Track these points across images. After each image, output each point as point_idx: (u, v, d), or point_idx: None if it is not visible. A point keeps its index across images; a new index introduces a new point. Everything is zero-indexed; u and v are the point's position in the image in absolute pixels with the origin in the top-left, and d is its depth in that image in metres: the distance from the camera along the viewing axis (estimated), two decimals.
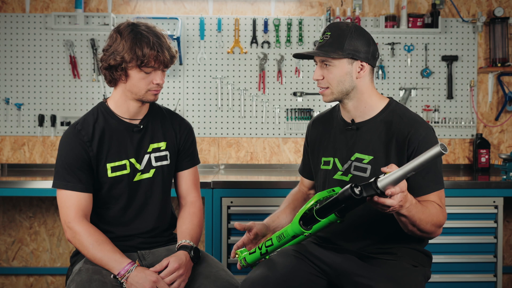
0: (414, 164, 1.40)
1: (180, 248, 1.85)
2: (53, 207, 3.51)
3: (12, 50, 3.51)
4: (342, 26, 1.76)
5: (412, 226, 1.61)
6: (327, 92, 1.78)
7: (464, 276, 2.86)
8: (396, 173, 1.42)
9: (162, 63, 1.80)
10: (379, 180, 1.44)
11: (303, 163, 2.06)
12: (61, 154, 1.85)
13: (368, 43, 1.76)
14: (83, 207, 1.83)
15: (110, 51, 1.80)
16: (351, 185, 1.45)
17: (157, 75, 1.82)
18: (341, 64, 1.74)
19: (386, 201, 1.45)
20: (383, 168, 1.48)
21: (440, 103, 3.58)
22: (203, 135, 3.56)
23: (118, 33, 1.80)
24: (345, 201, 1.47)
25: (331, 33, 1.75)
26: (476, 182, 3.00)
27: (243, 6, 3.56)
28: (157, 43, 1.78)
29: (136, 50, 1.76)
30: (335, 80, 1.75)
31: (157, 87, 1.84)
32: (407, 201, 1.50)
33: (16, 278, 3.53)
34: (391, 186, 1.43)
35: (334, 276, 1.78)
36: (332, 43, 1.74)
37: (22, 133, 3.52)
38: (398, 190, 1.44)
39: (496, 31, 3.52)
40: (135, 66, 1.78)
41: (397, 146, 1.73)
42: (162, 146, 1.96)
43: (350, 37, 1.73)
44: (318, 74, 1.78)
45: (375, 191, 1.44)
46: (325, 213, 1.54)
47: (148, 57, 1.77)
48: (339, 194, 1.49)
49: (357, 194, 1.44)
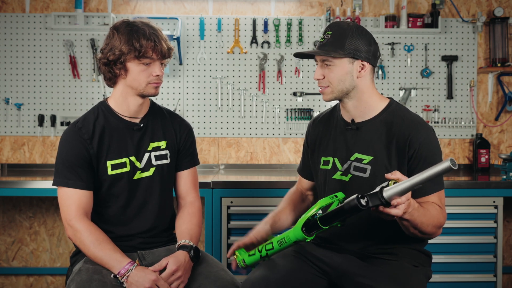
0: (422, 177, 1.40)
1: (180, 248, 1.85)
2: (53, 207, 3.51)
3: (12, 50, 3.51)
4: (343, 25, 1.76)
5: (414, 229, 1.61)
6: (327, 90, 1.78)
7: (464, 276, 2.85)
8: (403, 185, 1.43)
9: (160, 53, 1.82)
10: (385, 190, 1.44)
11: (302, 163, 2.06)
12: (61, 152, 1.86)
13: (369, 42, 1.76)
14: (84, 205, 1.83)
15: (107, 48, 1.82)
16: (357, 196, 1.46)
17: (156, 66, 1.83)
18: (342, 64, 1.74)
19: (392, 211, 1.46)
20: (387, 174, 1.48)
21: (440, 103, 3.58)
22: (203, 135, 3.56)
23: (114, 29, 1.83)
24: (350, 211, 1.48)
25: (332, 32, 1.75)
26: (476, 182, 3.00)
27: (243, 6, 3.56)
28: (154, 34, 1.81)
29: (133, 41, 1.78)
30: (336, 79, 1.75)
31: (157, 79, 1.85)
32: (410, 207, 1.51)
33: (16, 278, 3.53)
34: (397, 196, 1.43)
35: (335, 277, 1.78)
36: (333, 42, 1.73)
37: (22, 133, 3.52)
38: (404, 200, 1.45)
39: (496, 31, 3.51)
40: (133, 58, 1.80)
41: (398, 147, 1.73)
42: (162, 145, 1.96)
43: (351, 37, 1.72)
44: (319, 74, 1.78)
45: (381, 201, 1.44)
46: (329, 221, 1.56)
47: (146, 47, 1.79)
48: (344, 204, 1.50)
49: (363, 205, 1.45)
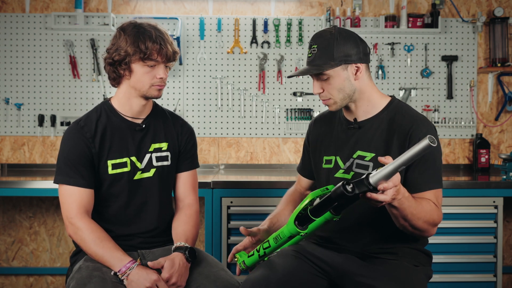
0: (403, 158, 1.39)
1: (175, 250, 1.85)
2: (53, 207, 3.51)
3: (12, 50, 3.51)
4: (326, 35, 1.74)
5: (404, 220, 1.60)
6: (330, 102, 1.77)
7: (464, 276, 2.85)
8: (387, 168, 1.41)
9: (165, 56, 1.82)
10: (370, 176, 1.43)
11: (303, 162, 2.06)
12: (63, 150, 1.86)
13: (356, 44, 1.74)
14: (85, 203, 1.83)
15: (113, 48, 1.83)
16: (343, 182, 1.44)
17: (160, 69, 1.84)
18: (336, 73, 1.73)
19: (379, 197, 1.45)
20: (380, 158, 1.46)
21: (440, 103, 3.58)
22: (203, 135, 3.56)
23: (121, 30, 1.84)
24: (338, 199, 1.46)
25: (317, 45, 1.74)
26: (476, 182, 3.00)
27: (243, 6, 3.56)
28: (160, 37, 1.81)
29: (139, 43, 1.79)
30: (335, 90, 1.74)
31: (161, 81, 1.85)
32: (399, 193, 1.50)
33: (16, 278, 3.53)
34: (383, 181, 1.42)
35: (335, 276, 1.78)
36: (321, 55, 1.72)
37: (22, 133, 3.52)
38: (391, 185, 1.44)
39: (496, 31, 3.52)
40: (138, 60, 1.80)
41: (399, 142, 1.73)
42: (163, 147, 1.97)
43: (337, 44, 1.71)
44: (317, 88, 1.77)
45: (367, 187, 1.43)
46: (319, 212, 1.54)
47: (151, 49, 1.79)
48: (331, 192, 1.48)
49: (349, 191, 1.43)
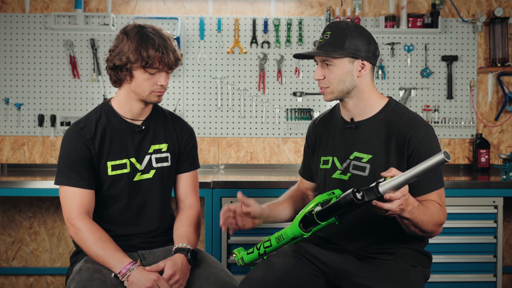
0: (416, 170, 1.41)
1: (177, 251, 1.85)
2: (53, 207, 3.51)
3: (12, 50, 3.51)
4: (342, 25, 1.76)
5: (414, 227, 1.62)
6: (327, 91, 1.78)
7: (464, 276, 2.85)
8: (398, 179, 1.43)
9: (167, 64, 1.82)
10: (380, 184, 1.45)
11: (303, 165, 2.06)
12: (63, 151, 1.86)
13: (368, 41, 1.76)
14: (86, 204, 1.83)
15: (116, 52, 1.82)
16: (353, 190, 1.46)
17: (162, 76, 1.84)
18: (342, 64, 1.74)
19: (385, 206, 1.46)
20: (383, 173, 1.48)
21: (440, 103, 3.58)
22: (203, 135, 3.56)
23: (124, 34, 1.83)
24: (346, 206, 1.48)
25: (331, 32, 1.75)
26: (476, 182, 3.00)
27: (243, 6, 3.56)
28: (163, 45, 1.80)
29: (141, 51, 1.78)
30: (336, 79, 1.75)
31: (161, 88, 1.85)
32: (409, 205, 1.51)
33: (16, 278, 3.53)
34: (391, 191, 1.44)
35: (333, 276, 1.78)
36: (332, 42, 1.73)
37: (22, 133, 3.52)
38: (398, 195, 1.45)
39: (496, 31, 3.51)
40: (139, 67, 1.80)
41: (397, 145, 1.73)
42: (163, 148, 1.97)
43: (350, 36, 1.72)
44: (319, 74, 1.77)
45: (376, 195, 1.45)
46: (325, 216, 1.56)
47: (153, 58, 1.78)
48: (340, 199, 1.49)
49: (359, 199, 1.45)
